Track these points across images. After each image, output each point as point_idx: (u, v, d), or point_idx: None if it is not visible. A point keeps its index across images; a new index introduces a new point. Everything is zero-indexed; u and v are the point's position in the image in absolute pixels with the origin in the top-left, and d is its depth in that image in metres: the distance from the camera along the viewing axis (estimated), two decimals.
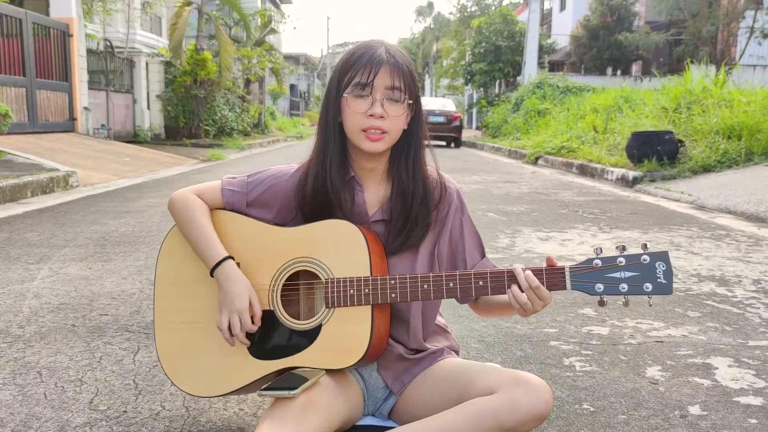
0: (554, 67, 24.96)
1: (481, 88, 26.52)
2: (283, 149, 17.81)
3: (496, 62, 24.44)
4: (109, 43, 14.84)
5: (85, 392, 1.93)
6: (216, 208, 1.60)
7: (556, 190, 7.95)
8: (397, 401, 1.60)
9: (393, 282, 1.47)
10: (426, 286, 1.47)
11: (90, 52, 13.56)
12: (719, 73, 10.99)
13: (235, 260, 1.53)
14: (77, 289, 3.11)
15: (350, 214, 1.54)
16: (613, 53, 22.72)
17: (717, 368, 2.22)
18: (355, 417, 1.57)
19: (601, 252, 1.43)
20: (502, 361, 2.24)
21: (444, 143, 20.74)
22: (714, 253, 4.13)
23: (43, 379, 2.03)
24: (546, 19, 30.67)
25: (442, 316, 1.75)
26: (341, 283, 1.47)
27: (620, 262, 1.41)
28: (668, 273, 1.39)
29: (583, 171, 10.10)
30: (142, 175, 9.12)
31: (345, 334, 1.47)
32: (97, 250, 4.00)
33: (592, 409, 1.88)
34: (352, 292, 1.46)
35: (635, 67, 24.98)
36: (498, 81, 26.08)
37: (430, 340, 1.66)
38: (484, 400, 1.38)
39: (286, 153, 15.59)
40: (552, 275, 1.43)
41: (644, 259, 1.40)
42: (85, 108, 12.60)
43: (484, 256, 1.66)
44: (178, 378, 1.58)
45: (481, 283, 1.46)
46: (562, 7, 29.74)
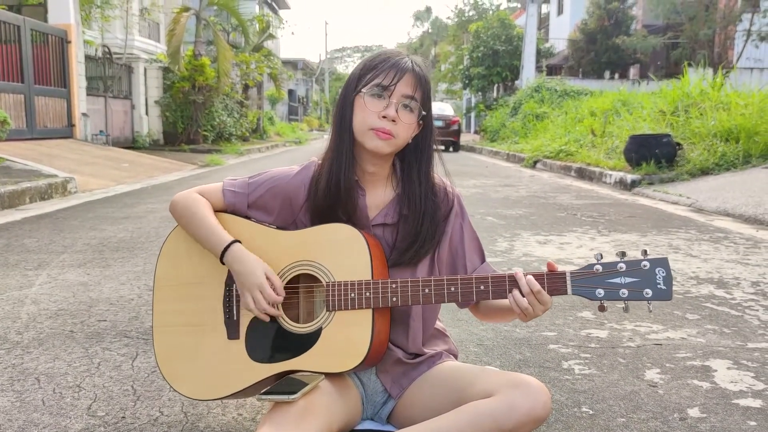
0: (552, 71, 24.99)
1: (480, 93, 26.55)
2: (282, 154, 17.81)
3: (494, 66, 24.49)
4: (107, 50, 14.85)
5: (83, 398, 1.93)
6: (217, 210, 1.60)
7: (555, 193, 7.95)
8: (395, 405, 1.59)
9: (394, 286, 1.47)
10: (427, 290, 1.47)
11: (88, 58, 13.56)
12: (716, 76, 11.01)
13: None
14: (75, 295, 3.10)
15: (353, 218, 1.54)
16: (611, 57, 22.76)
17: (716, 371, 2.22)
18: (354, 421, 1.57)
19: (602, 257, 1.44)
20: (500, 365, 2.24)
21: (442, 147, 20.68)
22: (712, 256, 4.13)
23: (41, 386, 2.02)
24: (543, 23, 30.73)
25: (441, 320, 1.75)
26: (342, 287, 1.47)
27: (620, 268, 1.41)
28: (668, 279, 1.39)
29: (582, 174, 10.11)
30: (141, 180, 9.12)
31: (345, 337, 1.46)
32: (96, 256, 3.99)
33: (591, 412, 1.87)
34: (352, 295, 1.46)
35: (633, 71, 25.04)
36: (496, 85, 26.12)
37: (429, 344, 1.65)
38: (483, 403, 1.38)
39: (284, 158, 15.59)
40: (553, 280, 1.44)
41: (644, 265, 1.40)
42: (84, 114, 12.60)
43: (484, 261, 1.66)
44: (176, 381, 1.58)
45: (482, 288, 1.46)
46: (560, 11, 29.81)
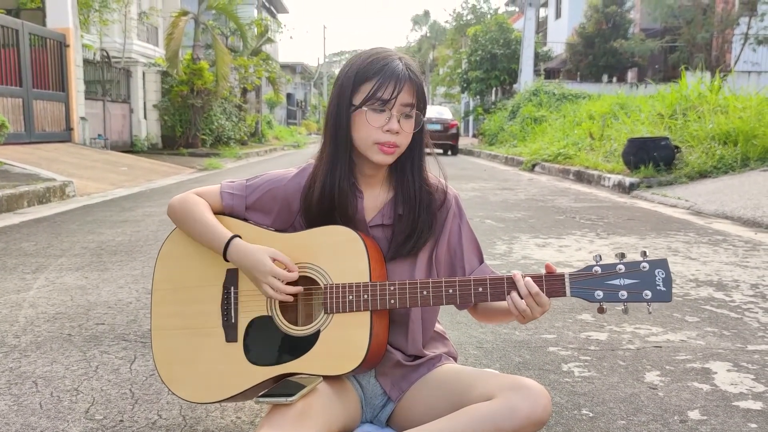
0: (550, 74, 25.04)
1: (478, 96, 26.57)
2: (280, 158, 17.81)
3: (492, 70, 24.51)
4: (105, 53, 14.85)
5: (81, 402, 1.92)
6: (215, 213, 1.58)
7: (553, 196, 7.96)
8: (395, 408, 1.59)
9: (392, 288, 1.46)
10: (425, 293, 1.46)
11: (87, 62, 13.57)
12: (714, 79, 11.02)
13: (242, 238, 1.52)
14: (73, 299, 3.09)
15: (351, 221, 1.54)
16: (609, 60, 22.79)
17: (716, 373, 2.21)
18: (353, 424, 1.56)
19: (601, 259, 1.43)
20: (500, 368, 2.23)
21: (441, 151, 20.77)
22: (711, 258, 4.13)
23: (39, 389, 2.01)
24: (541, 26, 30.78)
25: (440, 323, 1.74)
26: (340, 289, 1.46)
27: (620, 270, 1.41)
28: (667, 280, 1.39)
29: (580, 177, 10.11)
30: (139, 184, 9.11)
31: (343, 340, 1.46)
32: (94, 260, 3.98)
33: (591, 415, 1.87)
34: (350, 298, 1.46)
35: (631, 74, 25.07)
36: (494, 89, 26.14)
37: (428, 347, 1.65)
38: (483, 406, 1.37)
39: (283, 162, 15.59)
40: (552, 282, 1.43)
41: (643, 267, 1.40)
42: (82, 118, 12.60)
43: (482, 262, 1.66)
44: (175, 384, 1.57)
45: (480, 290, 1.45)
46: (558, 15, 29.86)
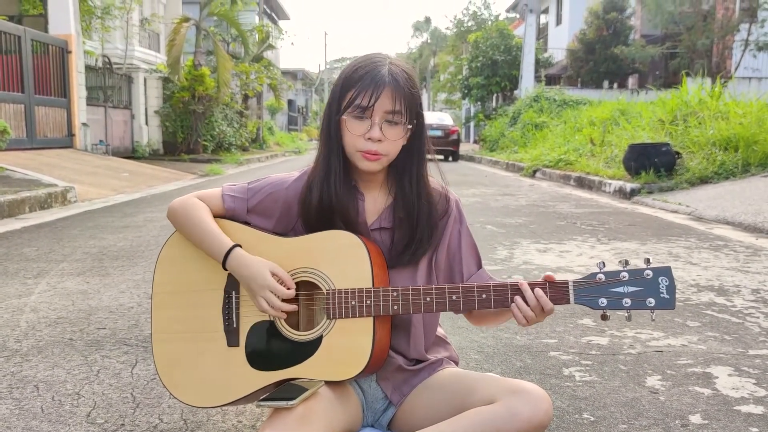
0: (551, 80, 25.06)
1: (479, 102, 26.60)
2: (282, 164, 17.84)
3: (493, 76, 24.55)
4: (107, 60, 14.91)
5: (82, 406, 1.92)
6: (216, 216, 1.58)
7: (554, 202, 7.96)
8: (396, 412, 1.59)
9: (395, 294, 1.46)
10: (428, 299, 1.46)
11: (88, 68, 13.62)
12: (715, 85, 11.05)
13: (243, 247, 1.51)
14: (75, 303, 3.10)
15: (352, 224, 1.53)
16: (610, 66, 22.83)
17: (717, 377, 2.21)
18: (354, 428, 1.56)
19: (604, 266, 1.43)
20: (501, 372, 2.23)
21: (442, 157, 20.79)
22: (712, 264, 4.13)
23: (41, 393, 2.02)
24: (542, 33, 30.83)
25: (441, 327, 1.74)
26: (342, 295, 1.46)
27: (623, 277, 1.41)
28: (671, 288, 1.39)
29: (581, 183, 10.12)
30: (141, 190, 9.13)
31: (346, 346, 1.45)
32: (95, 265, 3.99)
33: (593, 419, 1.87)
34: (353, 303, 1.45)
35: (631, 80, 25.11)
36: (495, 95, 26.18)
37: (429, 351, 1.64)
38: (484, 410, 1.37)
39: (284, 168, 15.60)
40: (556, 289, 1.43)
41: (647, 274, 1.39)
42: (84, 124, 12.63)
43: (480, 267, 1.66)
44: (177, 389, 1.57)
45: (484, 297, 1.45)
46: (558, 22, 29.93)
